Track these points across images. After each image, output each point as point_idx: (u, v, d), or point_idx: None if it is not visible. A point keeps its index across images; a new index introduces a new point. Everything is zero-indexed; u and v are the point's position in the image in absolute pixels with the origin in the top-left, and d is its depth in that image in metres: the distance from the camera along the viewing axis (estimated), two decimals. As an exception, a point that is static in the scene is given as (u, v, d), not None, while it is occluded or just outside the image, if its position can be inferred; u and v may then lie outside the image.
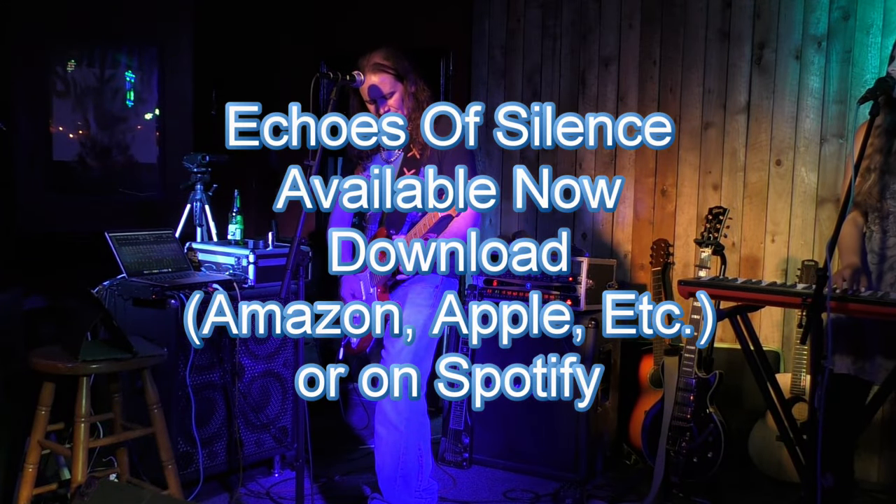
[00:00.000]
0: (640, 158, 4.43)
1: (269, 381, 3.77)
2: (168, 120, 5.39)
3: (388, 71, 3.13)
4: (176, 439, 3.40)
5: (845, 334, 2.82)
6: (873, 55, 3.86)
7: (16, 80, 4.75)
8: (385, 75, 3.12)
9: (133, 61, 5.30)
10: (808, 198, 4.04)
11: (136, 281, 3.51)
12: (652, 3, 4.36)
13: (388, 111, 3.16)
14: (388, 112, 3.16)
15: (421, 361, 3.25)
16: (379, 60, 3.14)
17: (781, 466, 3.72)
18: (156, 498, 2.82)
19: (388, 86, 3.14)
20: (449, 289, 3.31)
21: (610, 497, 3.71)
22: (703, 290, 2.83)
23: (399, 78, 3.15)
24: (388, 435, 3.26)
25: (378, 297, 3.23)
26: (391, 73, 3.13)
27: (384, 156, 3.30)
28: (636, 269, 4.45)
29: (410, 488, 3.31)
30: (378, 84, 3.12)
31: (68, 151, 5.07)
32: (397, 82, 3.15)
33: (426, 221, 3.07)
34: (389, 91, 3.14)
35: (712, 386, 3.66)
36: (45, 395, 3.06)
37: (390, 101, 3.15)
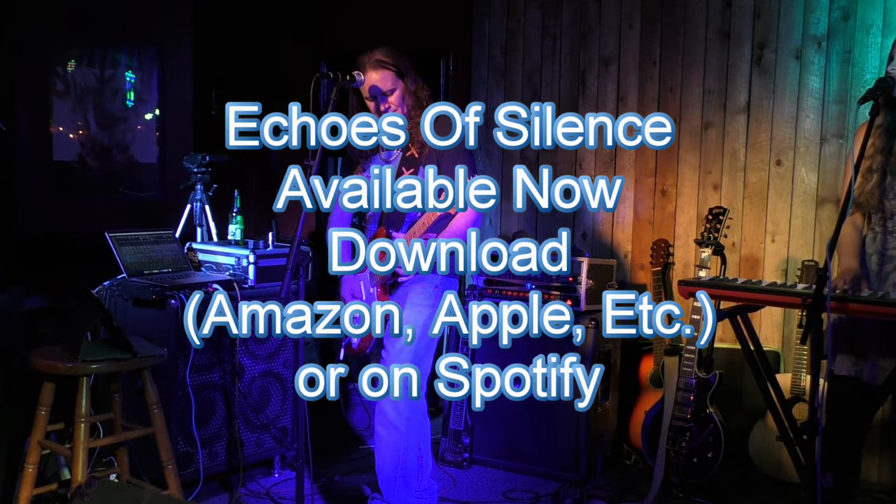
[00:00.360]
0: (640, 158, 4.43)
1: (269, 381, 3.77)
2: (168, 120, 5.39)
3: (390, 68, 3.13)
4: (176, 439, 3.40)
5: (846, 335, 2.82)
6: (873, 55, 3.86)
7: (16, 80, 4.75)
8: (386, 72, 3.13)
9: (133, 61, 5.30)
10: (808, 198, 4.04)
11: (136, 281, 3.51)
12: (652, 3, 4.36)
13: (388, 108, 3.16)
14: (389, 109, 3.16)
15: (421, 361, 3.25)
16: (380, 57, 3.14)
17: (781, 466, 3.72)
18: (156, 498, 2.82)
19: (390, 83, 3.14)
20: (449, 289, 3.31)
21: (610, 497, 3.71)
22: (703, 290, 2.83)
23: (400, 75, 3.15)
24: (387, 435, 3.26)
25: (378, 297, 3.23)
26: (392, 69, 3.13)
27: (384, 155, 3.30)
28: (636, 269, 4.45)
29: (410, 488, 3.31)
30: (379, 81, 3.12)
31: (68, 151, 5.07)
32: (398, 79, 3.15)
33: (424, 220, 3.07)
34: (390, 88, 3.14)
35: (712, 386, 3.66)
36: (45, 395, 3.05)
37: (391, 98, 3.15)
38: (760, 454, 3.82)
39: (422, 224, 3.08)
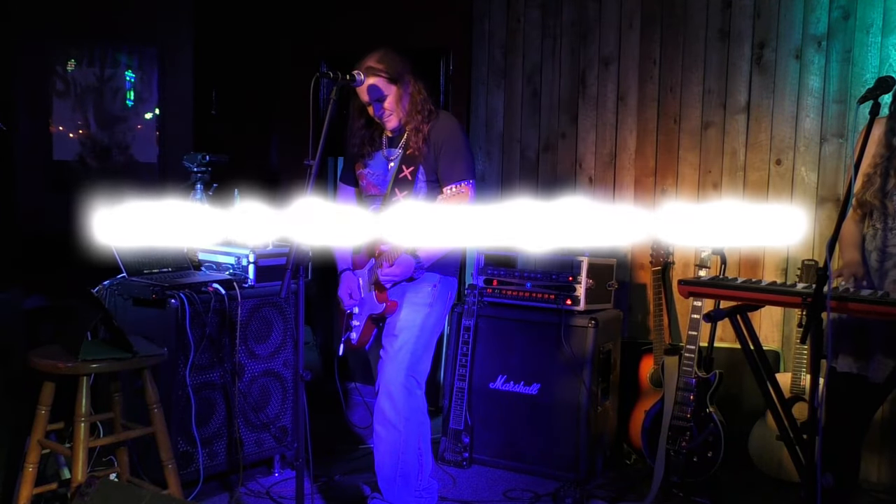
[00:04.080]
0: (640, 158, 4.43)
1: (268, 380, 3.77)
2: (168, 120, 5.40)
3: (381, 74, 3.14)
4: (176, 439, 3.40)
5: (849, 334, 2.83)
6: (873, 55, 3.86)
7: (16, 80, 4.76)
8: (378, 78, 3.14)
9: (133, 61, 5.31)
10: (809, 197, 4.04)
11: (136, 281, 3.51)
12: (652, 3, 4.36)
13: (384, 113, 3.19)
14: (384, 114, 3.19)
15: (419, 361, 3.26)
16: (371, 64, 3.15)
17: (781, 466, 3.72)
18: (156, 498, 2.81)
19: (381, 90, 3.16)
20: (447, 288, 3.31)
21: (610, 497, 3.71)
22: (704, 289, 2.83)
23: (392, 80, 3.16)
24: (387, 434, 3.26)
25: (376, 297, 3.24)
26: (384, 76, 3.15)
27: (385, 153, 3.31)
28: (636, 268, 4.45)
29: (410, 488, 3.31)
30: (370, 87, 3.15)
31: (68, 151, 5.08)
32: (390, 85, 3.16)
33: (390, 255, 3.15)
34: (382, 94, 3.16)
35: (712, 385, 3.67)
36: (45, 395, 3.05)
37: (384, 103, 3.18)
38: (760, 454, 3.82)
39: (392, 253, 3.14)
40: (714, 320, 3.45)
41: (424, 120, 3.20)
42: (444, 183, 3.16)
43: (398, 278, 3.18)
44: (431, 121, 3.21)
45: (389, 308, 3.22)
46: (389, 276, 3.16)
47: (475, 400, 4.09)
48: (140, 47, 5.28)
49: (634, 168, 4.45)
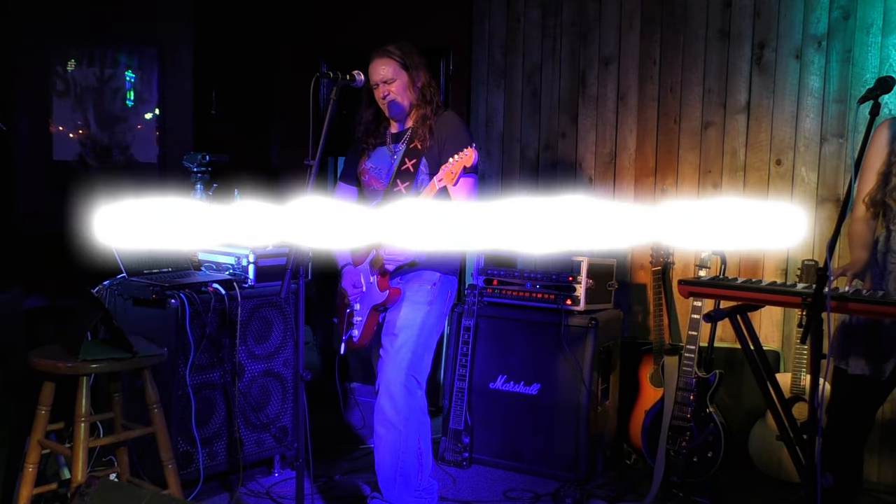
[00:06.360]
0: (640, 158, 4.43)
1: (268, 380, 3.77)
2: (168, 120, 5.39)
3: (394, 57, 3.21)
4: (176, 439, 3.40)
5: (861, 336, 2.82)
6: (873, 55, 3.86)
7: (16, 80, 4.75)
8: (389, 60, 3.20)
9: (133, 61, 5.30)
10: (808, 197, 4.03)
11: (136, 281, 3.51)
12: (652, 3, 4.36)
13: (388, 94, 3.21)
14: (388, 95, 3.21)
15: (420, 360, 3.26)
16: (388, 47, 3.23)
17: (781, 466, 3.72)
18: (156, 498, 2.81)
19: (391, 72, 3.20)
20: (447, 286, 3.31)
21: (610, 497, 3.71)
22: (704, 289, 2.83)
23: (404, 67, 3.22)
24: (387, 434, 3.26)
25: (378, 285, 3.23)
26: (396, 60, 3.20)
27: (390, 148, 3.32)
28: (636, 268, 4.45)
29: (410, 487, 3.31)
30: (380, 67, 3.20)
31: (68, 151, 5.07)
32: (401, 70, 3.21)
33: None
34: (392, 77, 3.20)
35: (712, 385, 3.67)
36: (45, 395, 3.05)
37: (391, 86, 3.21)
38: (760, 454, 3.82)
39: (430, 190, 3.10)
40: (714, 320, 3.44)
41: (432, 111, 3.22)
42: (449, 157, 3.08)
43: (400, 259, 3.19)
44: (438, 115, 3.23)
45: (392, 295, 3.22)
46: (392, 256, 3.17)
47: (475, 400, 4.09)
48: (140, 47, 5.28)
49: (634, 168, 4.45)
